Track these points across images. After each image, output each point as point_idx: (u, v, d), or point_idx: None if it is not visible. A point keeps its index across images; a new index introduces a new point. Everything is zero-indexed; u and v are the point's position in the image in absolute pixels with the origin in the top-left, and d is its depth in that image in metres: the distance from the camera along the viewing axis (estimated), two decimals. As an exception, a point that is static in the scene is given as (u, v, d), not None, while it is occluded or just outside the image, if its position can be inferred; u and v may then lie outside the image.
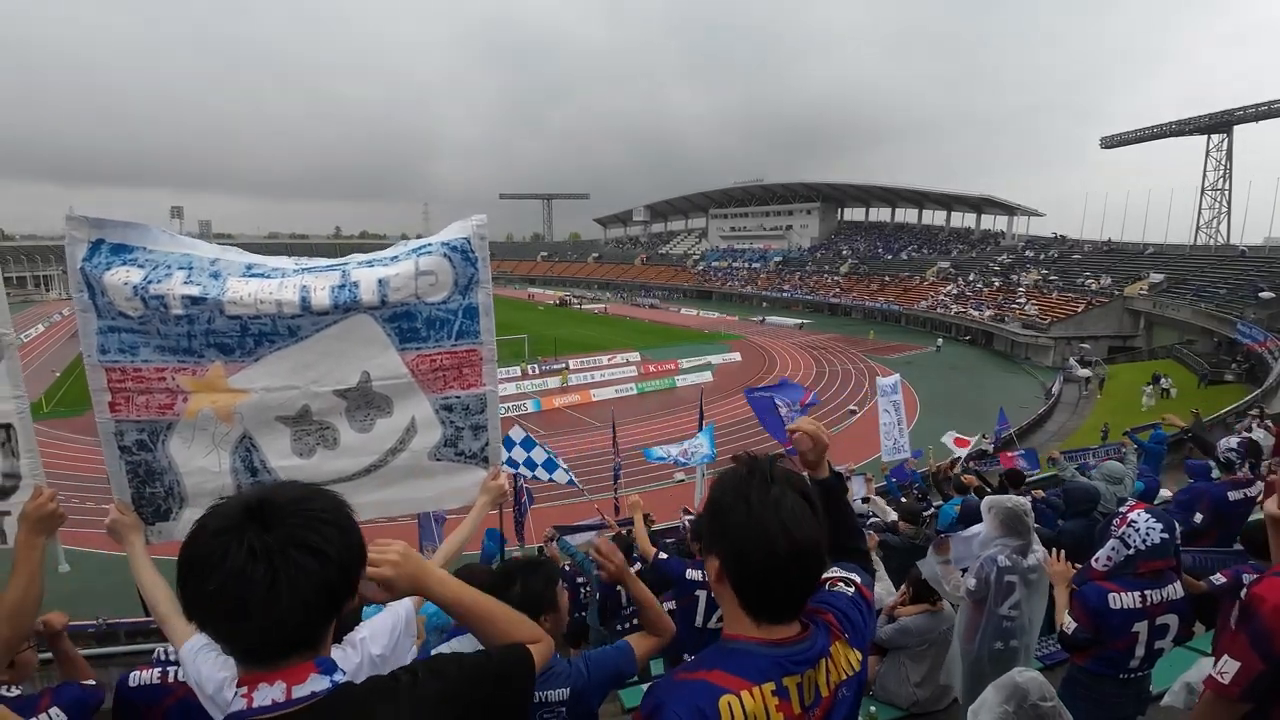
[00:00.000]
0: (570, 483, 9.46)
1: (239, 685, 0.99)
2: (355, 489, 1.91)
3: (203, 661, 1.36)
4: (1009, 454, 10.65)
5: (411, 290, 1.80)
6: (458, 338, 1.89)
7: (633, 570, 5.08)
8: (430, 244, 1.85)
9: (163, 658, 2.14)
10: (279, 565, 0.91)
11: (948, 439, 13.15)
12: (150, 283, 1.64)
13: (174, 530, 1.82)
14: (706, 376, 30.98)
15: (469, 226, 1.88)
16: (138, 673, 2.11)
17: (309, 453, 1.86)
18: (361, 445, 1.90)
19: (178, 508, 1.82)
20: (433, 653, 1.74)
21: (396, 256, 1.84)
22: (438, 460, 1.99)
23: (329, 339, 1.77)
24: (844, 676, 1.14)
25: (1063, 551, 2.82)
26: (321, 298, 1.72)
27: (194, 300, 1.65)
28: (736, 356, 36.76)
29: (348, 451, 1.89)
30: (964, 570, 3.21)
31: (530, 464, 9.06)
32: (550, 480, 9.37)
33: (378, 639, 1.50)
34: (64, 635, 2.09)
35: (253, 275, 1.74)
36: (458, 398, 1.95)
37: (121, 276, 1.63)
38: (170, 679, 2.07)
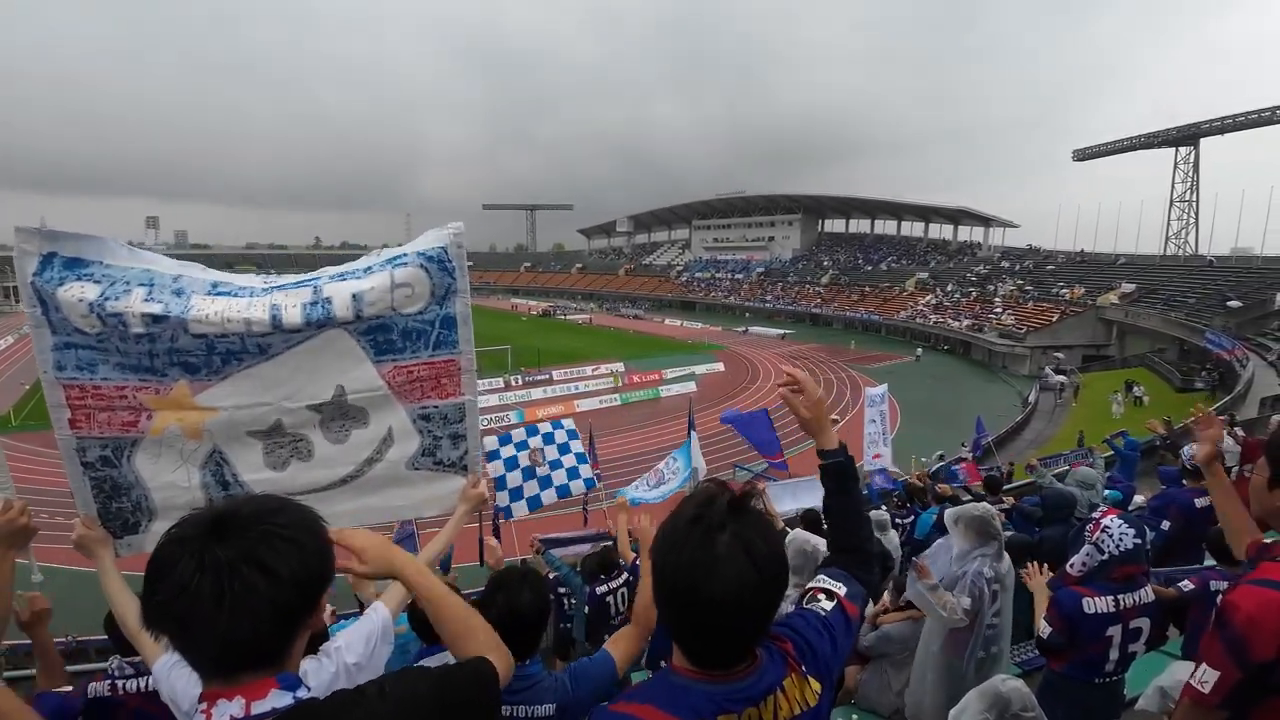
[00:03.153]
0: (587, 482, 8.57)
1: (200, 701, 0.99)
2: (330, 498, 1.88)
3: (176, 678, 1.33)
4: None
5: (387, 303, 1.76)
6: (435, 348, 1.85)
7: (614, 581, 5.02)
8: (405, 254, 1.80)
9: (113, 671, 2.14)
10: (226, 580, 0.91)
11: (868, 455, 12.74)
12: (107, 299, 1.56)
13: (144, 543, 1.77)
14: (690, 386, 30.98)
15: (445, 235, 1.83)
16: (94, 684, 2.11)
17: (282, 465, 1.82)
18: (337, 456, 1.86)
19: (147, 520, 1.78)
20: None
21: (370, 268, 1.79)
22: (416, 469, 1.96)
23: (301, 355, 1.73)
24: (798, 711, 1.07)
25: (1043, 564, 2.85)
26: (293, 315, 1.67)
27: (155, 319, 1.58)
28: (720, 367, 36.85)
29: (323, 462, 1.86)
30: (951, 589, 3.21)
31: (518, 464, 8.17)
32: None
33: (353, 648, 1.48)
34: (45, 623, 2.06)
35: (219, 294, 1.67)
36: (436, 407, 1.92)
37: (76, 293, 1.55)
38: (120, 691, 2.07)
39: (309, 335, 1.71)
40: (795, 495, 10.93)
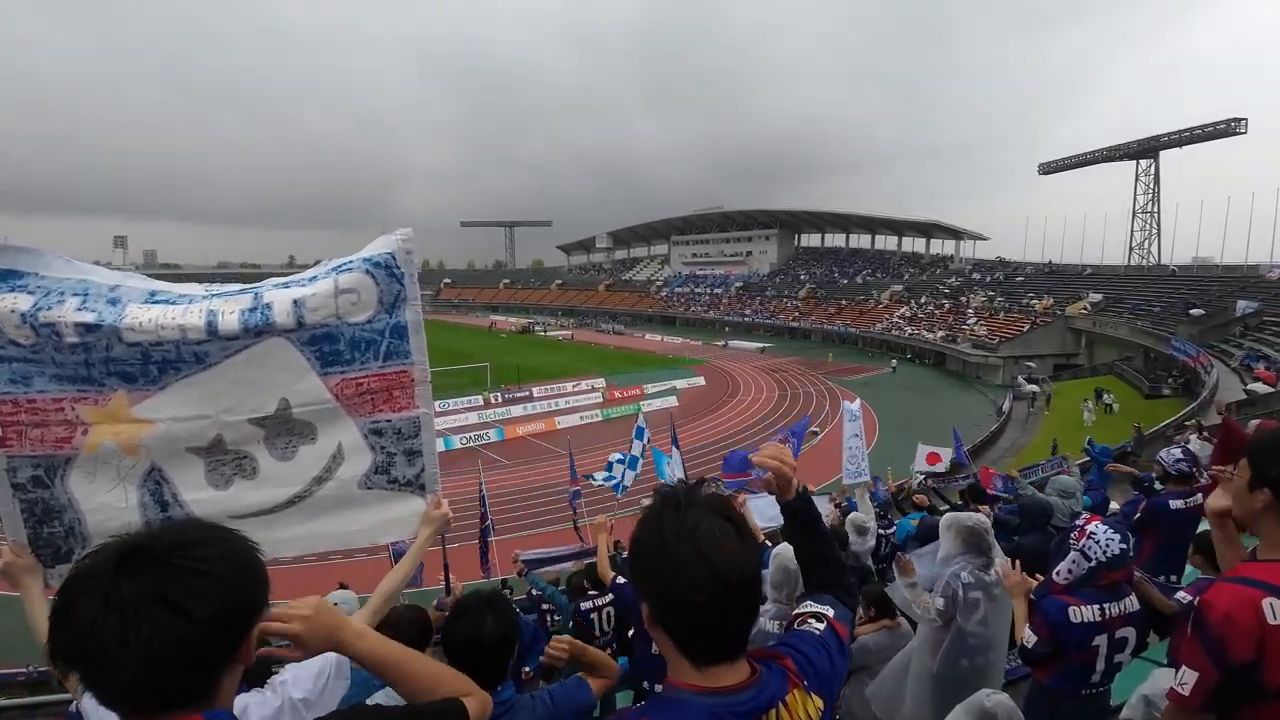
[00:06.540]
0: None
1: None
2: (278, 522, 1.78)
3: (106, 713, 1.24)
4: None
5: (331, 310, 1.68)
6: (386, 359, 1.77)
7: (600, 599, 4.94)
8: (350, 261, 1.74)
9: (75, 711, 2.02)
10: (130, 620, 0.83)
11: (920, 455, 13.27)
12: (40, 310, 1.53)
13: None
14: (672, 401, 31.00)
15: (393, 241, 1.76)
16: None
17: (225, 484, 1.73)
18: (283, 474, 1.76)
19: (80, 548, 1.68)
20: (367, 702, 1.61)
21: (315, 276, 1.73)
22: (369, 489, 1.85)
23: (240, 365, 1.66)
24: None
25: (1019, 562, 2.83)
26: (230, 321, 1.61)
27: (89, 328, 1.55)
28: (701, 380, 36.95)
29: (268, 481, 1.76)
30: (929, 590, 3.18)
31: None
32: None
33: (301, 683, 1.40)
34: None
35: (156, 302, 1.63)
36: (388, 421, 1.82)
37: (9, 304, 1.52)
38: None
39: (248, 343, 1.65)
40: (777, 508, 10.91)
